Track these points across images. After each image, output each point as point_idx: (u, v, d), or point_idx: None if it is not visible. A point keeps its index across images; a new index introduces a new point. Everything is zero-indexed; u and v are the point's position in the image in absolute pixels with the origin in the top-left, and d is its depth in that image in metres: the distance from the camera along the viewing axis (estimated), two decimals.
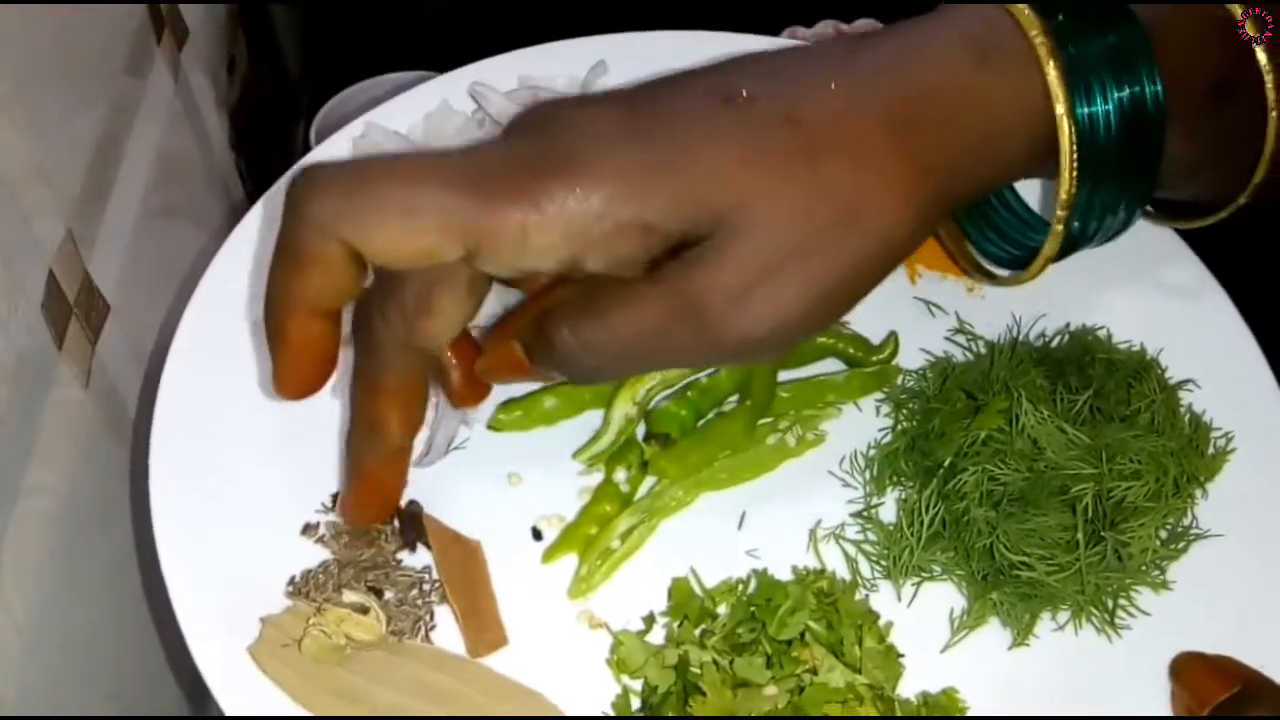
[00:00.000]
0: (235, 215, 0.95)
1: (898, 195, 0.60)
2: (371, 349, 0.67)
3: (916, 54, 0.63)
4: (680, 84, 0.62)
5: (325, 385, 0.68)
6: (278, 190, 0.94)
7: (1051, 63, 0.62)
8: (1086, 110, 0.64)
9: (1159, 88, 0.65)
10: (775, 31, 1.20)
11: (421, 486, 0.81)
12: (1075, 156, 0.64)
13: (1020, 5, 0.63)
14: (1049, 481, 0.75)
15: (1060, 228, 0.69)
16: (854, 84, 0.61)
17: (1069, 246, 0.71)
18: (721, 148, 0.59)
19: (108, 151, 0.96)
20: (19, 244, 0.79)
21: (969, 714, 0.73)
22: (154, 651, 0.97)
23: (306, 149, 1.22)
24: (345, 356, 0.78)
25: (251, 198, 0.95)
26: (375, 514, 0.76)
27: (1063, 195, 0.66)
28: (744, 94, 0.60)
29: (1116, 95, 0.64)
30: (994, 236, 0.82)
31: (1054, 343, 0.85)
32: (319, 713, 0.71)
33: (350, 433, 0.72)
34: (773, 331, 0.60)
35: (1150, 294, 0.87)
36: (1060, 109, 0.63)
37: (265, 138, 1.08)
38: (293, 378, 0.67)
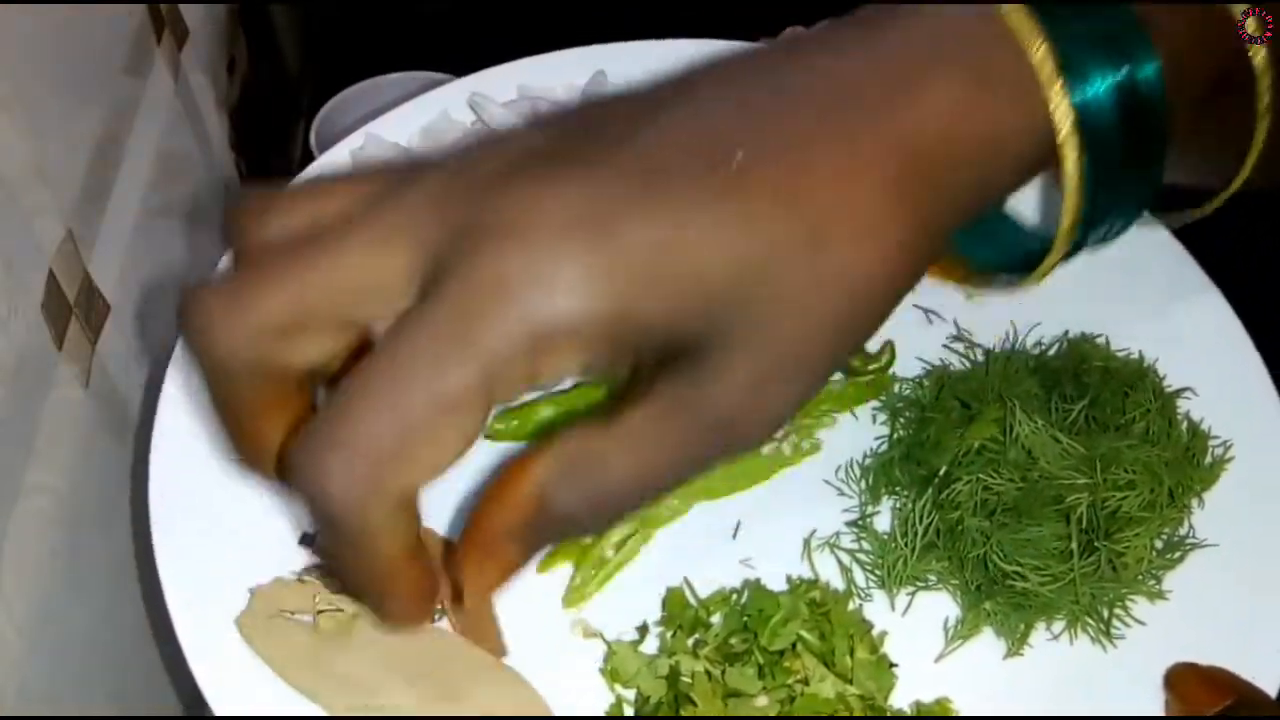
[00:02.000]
0: None
1: (901, 259, 0.55)
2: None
3: (917, 83, 0.57)
4: (657, 135, 0.53)
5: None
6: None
7: (1057, 84, 0.58)
8: (1085, 99, 0.59)
9: (1157, 64, 0.62)
10: (775, 35, 1.20)
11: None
12: (1081, 157, 0.62)
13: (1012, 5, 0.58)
14: (1043, 491, 0.75)
15: (1067, 226, 0.64)
16: (854, 133, 0.55)
17: (1074, 247, 0.69)
18: (721, 240, 0.52)
19: (108, 151, 0.95)
20: (19, 244, 0.79)
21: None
22: (153, 651, 0.97)
23: (306, 149, 1.23)
24: None
25: None
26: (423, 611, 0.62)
27: (1069, 195, 0.63)
28: (737, 158, 0.52)
29: (1114, 78, 0.59)
30: (986, 243, 0.80)
31: (1051, 350, 0.84)
32: (295, 683, 0.71)
33: None
34: (789, 408, 0.56)
35: (1149, 301, 0.86)
36: (1065, 125, 0.58)
37: (265, 138, 1.08)
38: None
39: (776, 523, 0.82)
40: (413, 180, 0.53)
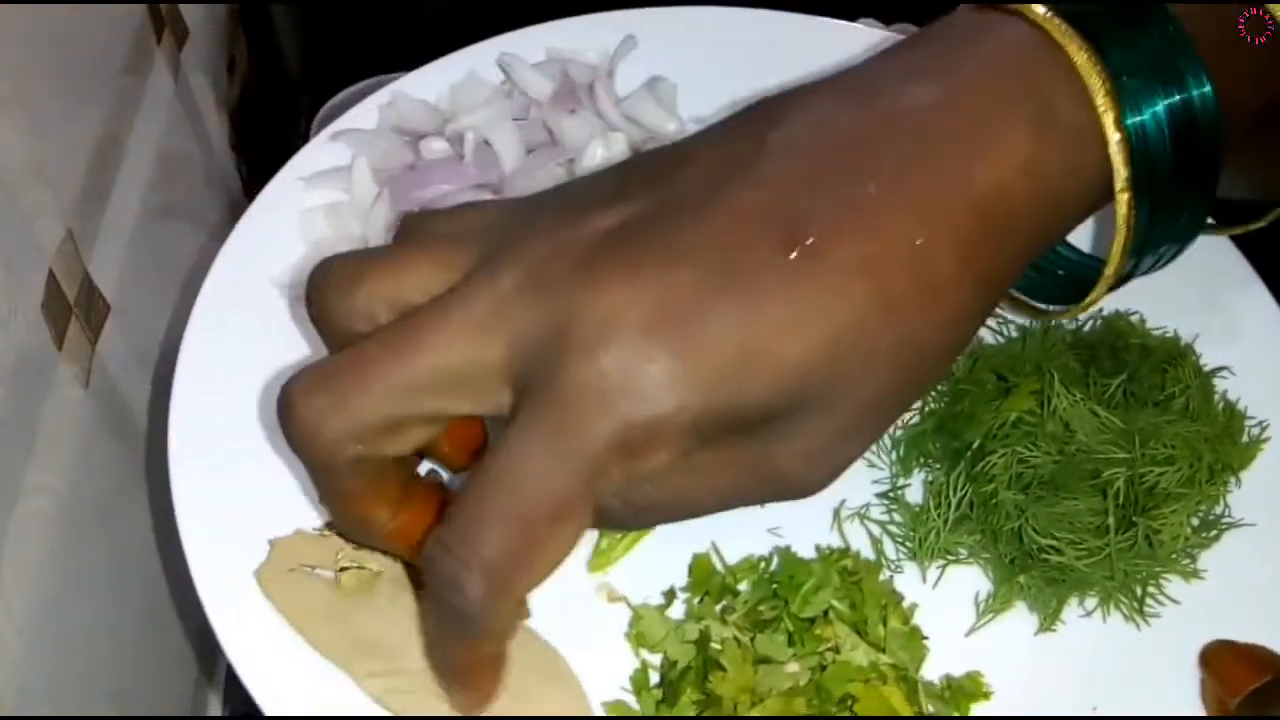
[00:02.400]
0: (235, 215, 0.95)
1: (966, 321, 0.57)
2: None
3: (981, 135, 0.56)
4: (729, 213, 0.54)
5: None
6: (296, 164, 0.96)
7: (1118, 135, 0.56)
8: (1142, 135, 0.57)
9: (1211, 92, 0.58)
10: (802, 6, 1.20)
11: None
12: (1133, 199, 0.60)
13: (1065, 34, 0.57)
14: (1080, 465, 0.75)
15: (1116, 260, 0.62)
16: (926, 198, 0.54)
17: (1124, 277, 0.68)
18: (797, 326, 0.53)
19: (108, 151, 0.95)
20: (19, 244, 0.78)
21: (992, 699, 0.72)
22: (154, 652, 0.96)
23: None
24: None
25: (251, 198, 0.95)
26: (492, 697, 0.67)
27: (1120, 234, 0.60)
28: (808, 240, 0.53)
29: (1169, 108, 0.57)
30: (1033, 274, 0.78)
31: (1086, 327, 0.84)
32: (313, 641, 0.71)
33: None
34: (843, 468, 0.58)
35: (1185, 280, 0.84)
36: (1122, 171, 0.57)
37: (265, 138, 1.07)
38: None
39: None
40: (498, 263, 0.55)
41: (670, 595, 0.75)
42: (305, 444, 0.58)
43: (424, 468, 0.70)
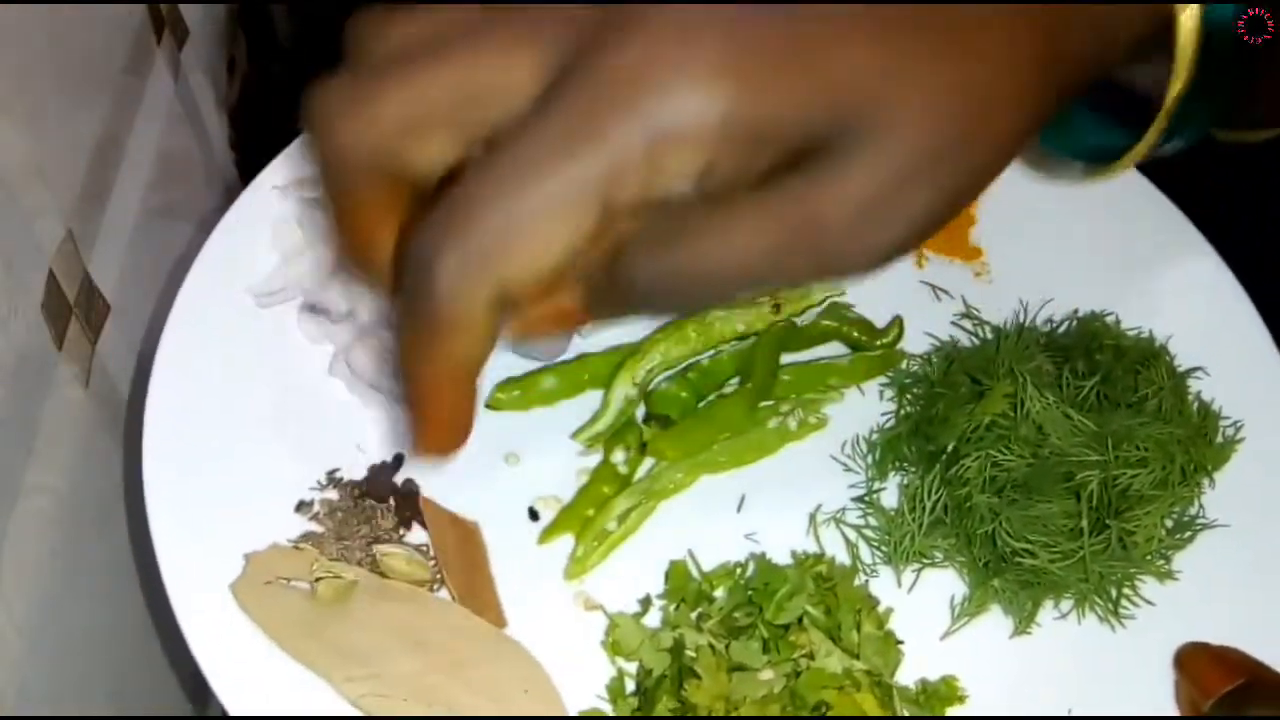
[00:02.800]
0: None
1: (1028, 98, 0.53)
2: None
3: None
4: None
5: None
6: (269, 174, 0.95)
7: None
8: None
9: None
10: None
11: (417, 466, 0.81)
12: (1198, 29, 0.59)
13: None
14: (1053, 468, 0.75)
15: (1173, 98, 0.62)
16: None
17: (1162, 139, 0.65)
18: (853, 41, 0.50)
19: (108, 151, 0.95)
20: (19, 244, 0.78)
21: (968, 702, 0.73)
22: (154, 651, 0.97)
23: None
24: (335, 331, 0.78)
25: None
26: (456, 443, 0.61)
27: (1180, 65, 0.60)
28: None
29: None
30: (1065, 134, 0.74)
31: (1061, 329, 0.84)
32: (290, 650, 0.71)
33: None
34: (892, 247, 0.53)
35: (1160, 281, 0.86)
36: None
37: (265, 138, 1.07)
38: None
39: (781, 497, 0.81)
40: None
41: (646, 603, 0.75)
42: (326, 134, 0.53)
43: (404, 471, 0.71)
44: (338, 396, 0.85)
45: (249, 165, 1.23)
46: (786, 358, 0.88)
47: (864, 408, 0.86)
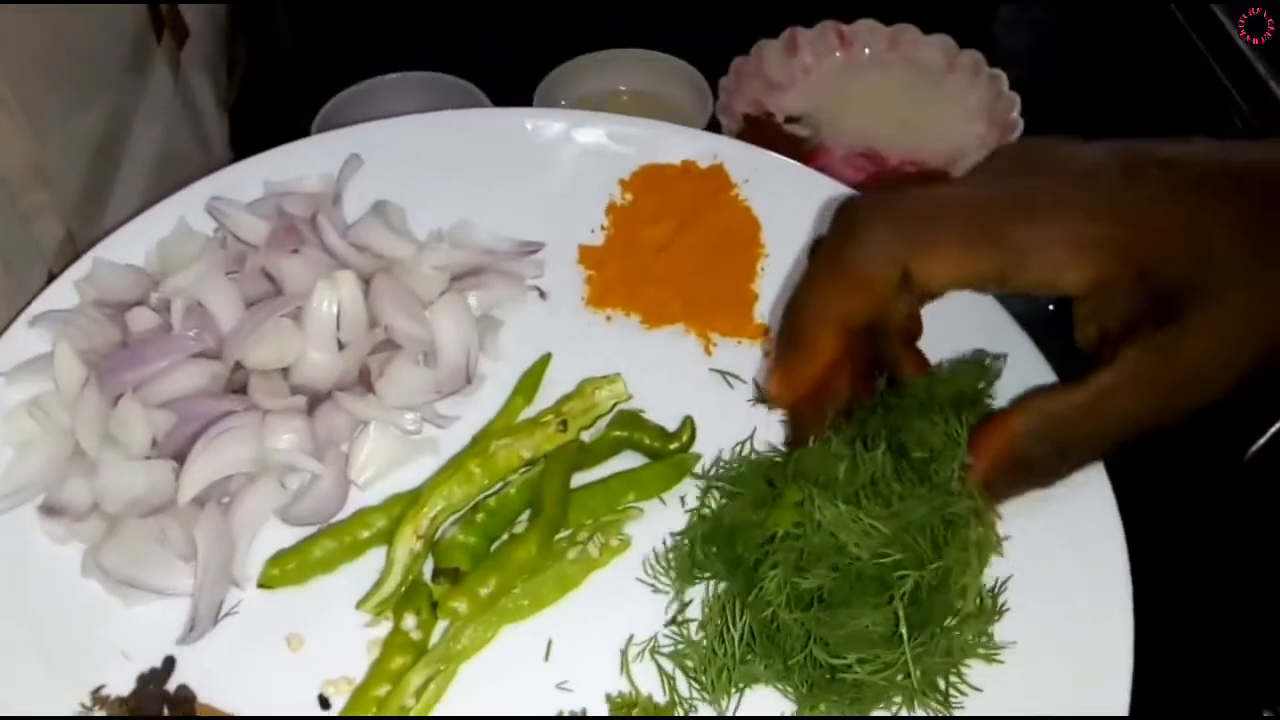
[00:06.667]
0: None
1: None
2: None
3: None
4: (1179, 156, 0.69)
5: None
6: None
7: None
8: None
9: None
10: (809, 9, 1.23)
11: (190, 667, 0.77)
12: None
13: None
14: (855, 577, 0.73)
15: None
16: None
17: None
18: (1220, 220, 0.65)
19: (108, 151, 0.96)
20: (19, 244, 0.79)
21: None
22: None
23: None
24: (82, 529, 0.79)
25: None
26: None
27: None
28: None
29: None
30: None
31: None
32: None
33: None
34: (1251, 360, 0.66)
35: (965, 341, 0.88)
36: None
37: (265, 138, 1.08)
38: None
39: (591, 635, 0.79)
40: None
41: None
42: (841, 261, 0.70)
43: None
44: (95, 599, 0.80)
45: None
46: (578, 478, 0.85)
47: (668, 519, 0.84)
